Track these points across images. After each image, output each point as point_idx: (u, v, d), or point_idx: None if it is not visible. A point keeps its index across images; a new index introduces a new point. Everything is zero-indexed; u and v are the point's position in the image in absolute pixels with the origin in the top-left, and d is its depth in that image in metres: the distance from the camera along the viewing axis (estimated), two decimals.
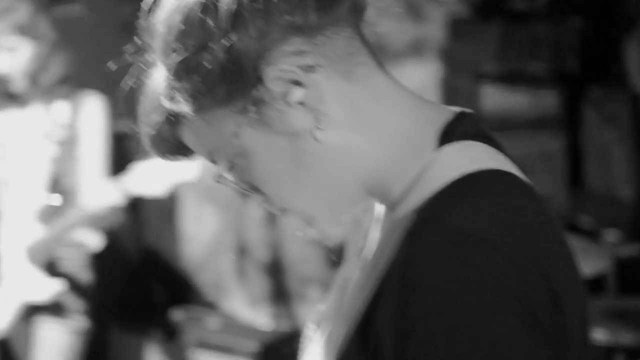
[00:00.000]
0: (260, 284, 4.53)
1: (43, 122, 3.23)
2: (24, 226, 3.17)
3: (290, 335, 4.16)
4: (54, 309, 3.26)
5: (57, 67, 3.22)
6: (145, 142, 1.16)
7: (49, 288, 3.19)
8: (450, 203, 1.01)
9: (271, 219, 4.25)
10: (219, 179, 1.15)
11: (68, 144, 3.23)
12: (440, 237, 0.98)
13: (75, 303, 3.30)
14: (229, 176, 1.14)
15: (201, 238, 4.83)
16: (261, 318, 4.38)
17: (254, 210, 4.49)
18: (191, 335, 4.18)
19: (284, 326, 4.28)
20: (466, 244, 0.97)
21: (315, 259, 4.24)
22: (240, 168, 1.12)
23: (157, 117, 1.12)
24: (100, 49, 4.16)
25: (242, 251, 4.60)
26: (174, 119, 1.11)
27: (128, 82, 1.16)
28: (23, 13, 3.15)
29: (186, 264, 4.88)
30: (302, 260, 4.34)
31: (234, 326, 4.29)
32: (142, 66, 1.14)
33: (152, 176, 3.02)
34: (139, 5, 1.11)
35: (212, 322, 4.28)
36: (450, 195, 1.02)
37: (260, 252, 4.47)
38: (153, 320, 4.35)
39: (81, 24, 4.03)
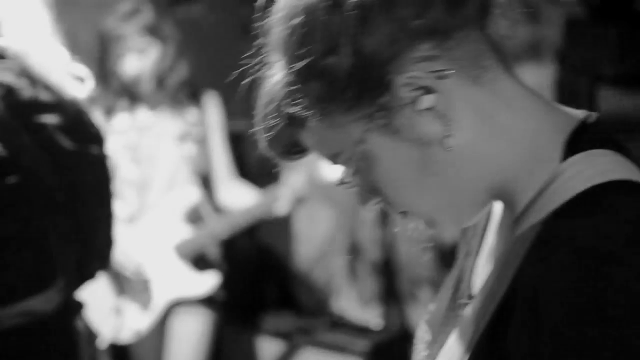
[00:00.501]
0: (371, 284, 4.53)
1: (174, 122, 3.28)
2: (170, 225, 3.21)
3: (400, 336, 4.15)
4: (194, 302, 3.30)
5: (182, 69, 3.28)
6: (262, 142, 1.14)
7: (200, 284, 3.22)
8: (580, 220, 0.97)
9: (383, 220, 4.25)
10: (340, 180, 1.13)
11: (202, 142, 3.30)
12: (573, 258, 0.94)
13: (216, 298, 3.34)
14: (350, 178, 1.12)
15: (314, 238, 4.86)
16: (371, 318, 4.39)
17: (367, 211, 4.49)
18: (302, 334, 4.21)
19: (394, 326, 4.28)
20: (601, 263, 0.93)
21: (426, 260, 4.23)
22: (363, 171, 1.10)
23: (276, 119, 1.10)
24: (219, 49, 4.24)
25: (354, 251, 4.61)
26: (294, 122, 1.09)
27: (247, 82, 1.15)
28: (150, 15, 3.21)
29: (299, 263, 4.91)
30: (413, 261, 4.33)
31: (344, 325, 4.30)
32: (263, 67, 1.13)
33: (281, 197, 3.07)
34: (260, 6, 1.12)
35: (323, 321, 4.30)
36: (579, 210, 0.99)
37: (372, 252, 4.47)
38: (265, 318, 4.38)
39: (201, 25, 4.09)
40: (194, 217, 3.29)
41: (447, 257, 4.01)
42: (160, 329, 3.34)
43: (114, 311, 3.22)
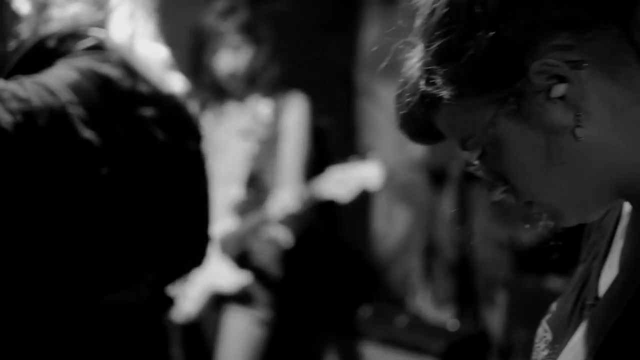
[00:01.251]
0: (447, 284, 4.51)
1: (247, 119, 3.30)
2: (218, 218, 3.25)
3: (475, 337, 4.13)
4: (243, 299, 3.34)
5: (274, 68, 3.29)
6: (397, 121, 1.17)
7: (239, 279, 3.26)
8: None
9: (460, 220, 4.22)
10: (468, 166, 1.14)
11: (270, 142, 3.29)
12: None
13: (263, 295, 3.35)
14: (478, 164, 1.13)
15: (392, 236, 4.85)
16: (447, 318, 4.37)
17: (445, 210, 4.48)
18: (377, 332, 4.21)
19: (469, 327, 4.25)
20: None
21: (504, 262, 4.20)
22: (491, 157, 1.11)
23: (411, 98, 1.13)
24: (303, 45, 4.26)
25: (430, 251, 4.60)
26: (429, 102, 1.11)
27: (384, 62, 1.19)
28: (246, 13, 3.24)
29: (376, 262, 4.91)
30: (491, 262, 4.30)
31: (420, 325, 4.29)
32: (400, 47, 1.16)
33: (343, 181, 3.04)
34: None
35: (399, 320, 4.29)
36: None
37: (449, 252, 4.45)
38: (342, 316, 4.39)
39: (285, 21, 4.11)
40: (241, 212, 3.32)
41: (523, 259, 3.97)
42: (208, 316, 3.38)
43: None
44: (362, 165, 3.14)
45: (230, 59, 3.21)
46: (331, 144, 4.39)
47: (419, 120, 1.14)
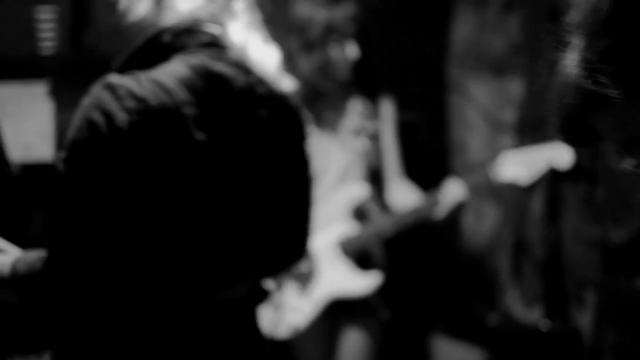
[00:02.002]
0: (536, 283, 4.47)
1: (351, 116, 3.27)
2: (336, 220, 3.21)
3: (567, 337, 4.08)
4: (360, 302, 3.27)
5: (368, 63, 3.25)
6: (554, 125, 1.12)
7: (368, 282, 3.19)
8: None
9: (551, 218, 4.18)
10: (634, 168, 1.09)
11: (373, 138, 3.25)
12: None
13: (378, 299, 3.29)
14: None
15: (481, 233, 4.82)
16: (536, 317, 4.33)
17: (535, 208, 4.43)
18: (466, 330, 4.19)
19: (559, 327, 4.20)
20: None
21: (594, 262, 4.14)
22: None
23: (571, 99, 1.07)
24: (394, 40, 4.26)
25: (519, 249, 4.56)
26: (593, 103, 1.05)
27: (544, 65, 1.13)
28: (348, 7, 3.19)
29: (466, 259, 4.88)
30: (581, 261, 4.24)
31: (509, 324, 4.25)
32: (558, 47, 1.10)
33: (525, 163, 2.92)
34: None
35: (489, 318, 4.25)
36: None
37: (539, 250, 4.41)
38: (433, 312, 4.37)
39: (374, 16, 4.11)
40: (361, 214, 3.26)
41: (614, 259, 3.91)
42: (319, 328, 3.32)
43: (273, 305, 3.24)
44: (548, 147, 2.98)
45: (325, 54, 3.17)
46: (422, 138, 4.38)
47: (578, 122, 1.09)
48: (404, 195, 3.21)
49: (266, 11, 1.95)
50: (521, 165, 2.94)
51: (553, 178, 4.17)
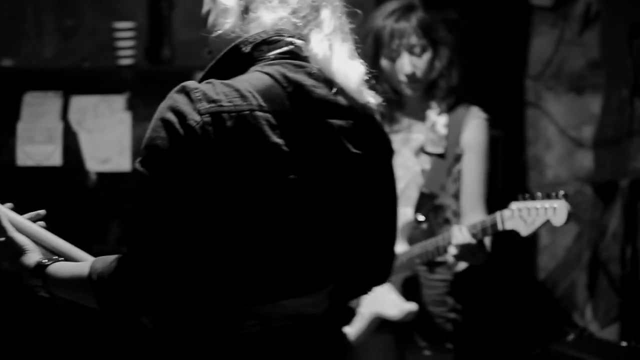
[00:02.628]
0: (613, 300, 4.40)
1: (421, 132, 3.18)
2: None
3: None
4: (416, 326, 3.21)
5: (453, 76, 3.16)
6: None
7: (406, 308, 3.15)
8: None
9: (628, 235, 4.11)
10: None
11: (444, 158, 3.14)
12: None
13: (438, 327, 3.22)
14: None
15: (557, 250, 4.77)
16: (613, 335, 4.25)
17: (612, 225, 4.37)
18: (542, 349, 4.13)
19: (637, 346, 4.13)
20: None
21: None
22: None
23: None
24: (472, 54, 4.23)
25: (596, 265, 4.49)
26: None
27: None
28: (424, 14, 3.13)
29: (542, 276, 4.83)
30: None
31: (587, 341, 4.18)
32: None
33: (525, 214, 2.81)
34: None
35: (567, 336, 4.19)
36: None
37: (615, 268, 4.34)
38: (512, 331, 4.32)
39: (454, 30, 4.09)
40: (410, 235, 3.17)
41: None
42: (372, 344, 3.27)
43: None
44: (547, 200, 2.92)
45: (408, 62, 3.10)
46: (502, 154, 4.35)
47: None
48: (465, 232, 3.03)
49: (353, 24, 1.94)
50: (521, 215, 2.83)
51: (630, 195, 4.11)
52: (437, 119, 3.16)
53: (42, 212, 2.06)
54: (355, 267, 1.97)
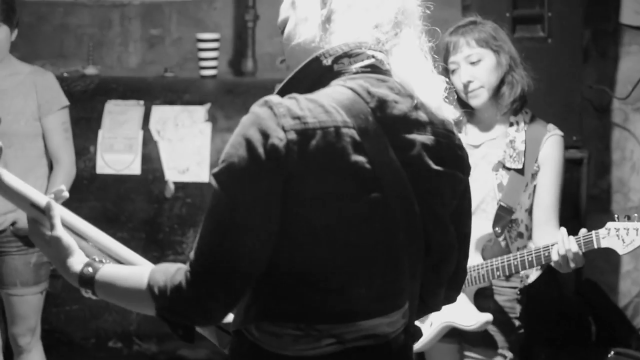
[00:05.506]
0: None
1: (498, 146, 3.18)
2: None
3: None
4: (480, 340, 3.21)
5: (517, 85, 3.15)
6: None
7: (479, 318, 3.15)
8: None
9: None
10: None
11: (522, 174, 3.15)
12: None
13: (504, 337, 3.22)
14: None
15: (638, 275, 4.67)
16: None
17: None
18: None
19: None
20: None
21: None
22: None
23: None
24: (558, 74, 4.17)
25: None
26: None
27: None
28: (486, 28, 3.15)
29: (622, 302, 4.73)
30: None
31: None
32: None
33: (621, 235, 2.88)
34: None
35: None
36: None
37: None
38: (587, 356, 4.25)
39: (542, 47, 4.03)
40: (485, 248, 3.18)
41: None
42: (439, 353, 3.28)
43: None
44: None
45: (465, 71, 3.12)
46: (586, 176, 4.27)
47: None
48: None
49: (434, 40, 1.91)
50: (619, 235, 2.89)
51: None
52: (516, 135, 3.17)
53: (64, 189, 2.03)
54: (427, 285, 1.93)
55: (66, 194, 2.00)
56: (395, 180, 1.77)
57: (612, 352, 4.17)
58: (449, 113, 1.87)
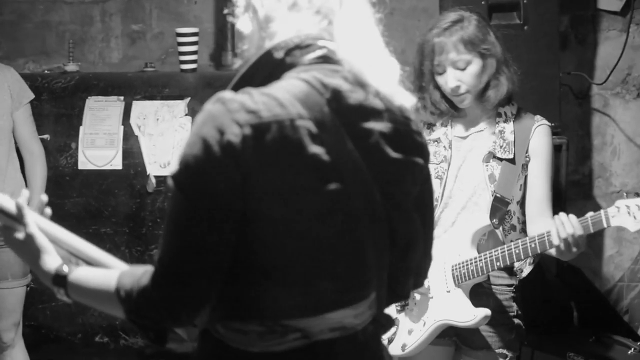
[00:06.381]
0: None
1: (487, 140, 3.16)
2: (458, 247, 3.13)
3: None
4: (476, 337, 3.19)
5: (503, 85, 3.13)
6: None
7: (476, 314, 3.13)
8: None
9: None
10: None
11: (514, 163, 3.13)
12: None
13: (502, 335, 3.19)
14: None
15: (621, 260, 4.68)
16: None
17: None
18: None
19: None
20: None
21: None
22: None
23: None
24: (535, 61, 4.17)
25: None
26: None
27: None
28: (472, 28, 3.11)
29: (605, 286, 4.73)
30: None
31: None
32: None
33: (632, 212, 2.84)
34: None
35: (629, 350, 4.10)
36: None
37: None
38: (570, 341, 4.25)
39: (516, 35, 4.02)
40: (480, 240, 3.16)
41: None
42: (434, 352, 3.26)
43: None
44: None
45: (452, 77, 3.09)
46: (565, 162, 4.27)
47: None
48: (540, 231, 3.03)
49: (385, 27, 1.91)
50: (630, 213, 2.86)
51: None
52: (505, 125, 3.14)
53: (48, 210, 2.04)
54: (395, 274, 1.93)
55: (48, 211, 2.02)
56: (355, 170, 1.76)
57: (594, 337, 4.20)
58: (405, 99, 1.86)
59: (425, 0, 4.74)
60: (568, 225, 2.90)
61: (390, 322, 1.95)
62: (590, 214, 2.91)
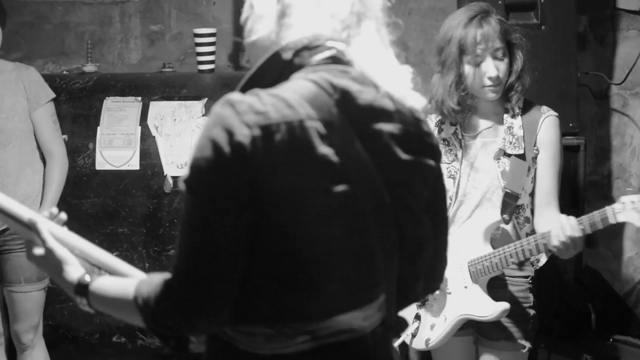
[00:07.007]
0: None
1: (499, 135, 3.16)
2: (473, 243, 3.14)
3: None
4: (495, 331, 3.20)
5: (526, 79, 3.13)
6: None
7: (495, 308, 3.12)
8: None
9: None
10: None
11: (524, 159, 3.14)
12: None
13: (519, 327, 3.19)
14: None
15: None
16: None
17: None
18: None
19: None
20: None
21: None
22: None
23: None
24: (552, 60, 4.15)
25: None
26: None
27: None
28: (499, 20, 3.12)
29: (624, 289, 4.71)
30: None
31: None
32: None
33: (637, 207, 2.84)
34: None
35: None
36: None
37: None
38: (587, 344, 4.22)
39: (533, 35, 4.00)
40: (494, 236, 3.17)
41: None
42: (455, 347, 3.28)
43: (413, 317, 3.21)
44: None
45: (493, 65, 3.08)
46: (583, 162, 4.25)
47: None
48: (548, 224, 3.04)
49: (398, 29, 1.90)
50: (635, 208, 2.85)
51: None
52: (513, 121, 3.16)
53: (63, 216, 2.05)
54: (404, 277, 1.92)
55: (63, 216, 2.02)
56: (364, 171, 1.76)
57: (611, 340, 4.17)
58: (416, 101, 1.85)
59: (443, 0, 4.73)
60: (569, 228, 2.91)
61: (401, 325, 1.93)
62: (595, 212, 2.91)
